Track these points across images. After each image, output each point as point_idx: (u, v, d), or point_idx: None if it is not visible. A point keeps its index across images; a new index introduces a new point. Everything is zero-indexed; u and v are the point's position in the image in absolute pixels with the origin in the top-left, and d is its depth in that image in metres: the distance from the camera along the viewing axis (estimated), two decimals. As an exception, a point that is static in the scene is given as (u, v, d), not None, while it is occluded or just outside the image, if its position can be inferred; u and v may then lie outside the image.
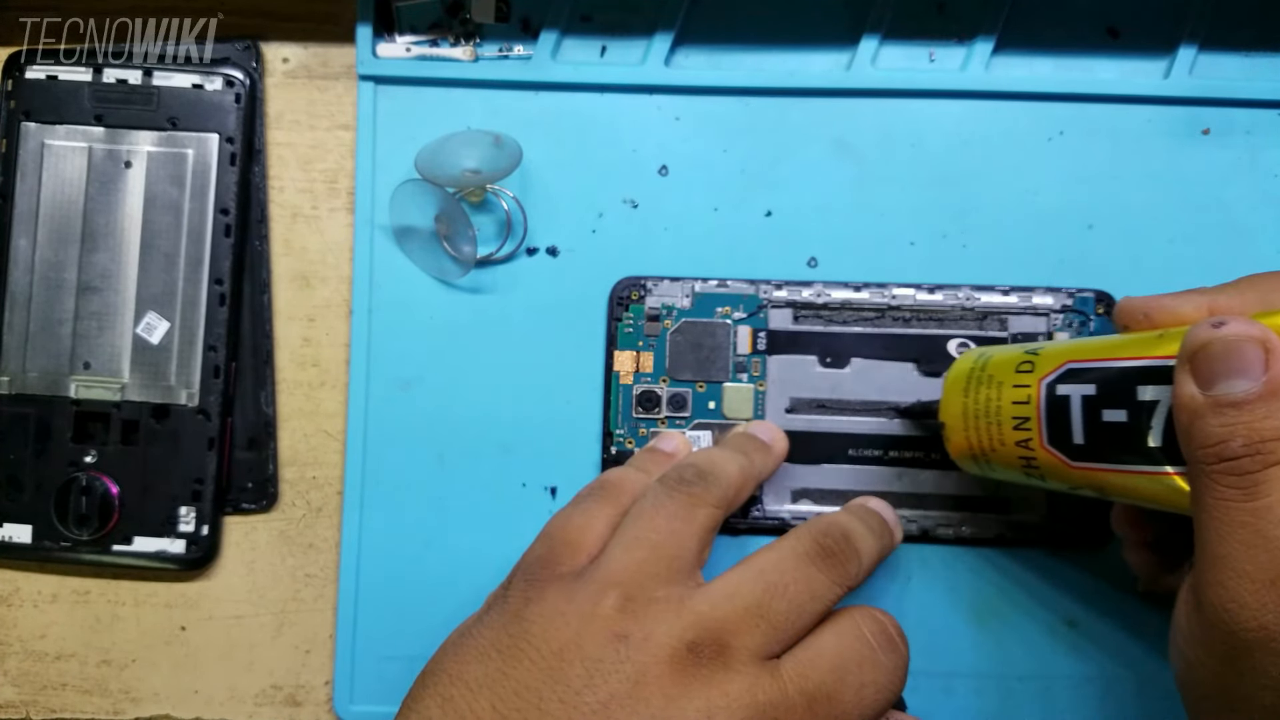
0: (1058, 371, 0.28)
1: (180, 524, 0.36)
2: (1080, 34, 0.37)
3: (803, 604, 0.27)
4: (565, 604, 0.26)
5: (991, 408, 0.30)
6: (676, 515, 0.28)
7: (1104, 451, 0.27)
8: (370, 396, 0.37)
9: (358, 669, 0.36)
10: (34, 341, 0.36)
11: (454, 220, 0.36)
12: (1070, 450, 0.28)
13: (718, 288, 0.36)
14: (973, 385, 0.30)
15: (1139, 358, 0.26)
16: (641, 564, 0.27)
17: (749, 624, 0.26)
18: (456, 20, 0.37)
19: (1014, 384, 0.29)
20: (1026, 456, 0.29)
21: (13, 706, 0.37)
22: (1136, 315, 0.28)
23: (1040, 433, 0.28)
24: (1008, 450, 0.29)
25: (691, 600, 0.26)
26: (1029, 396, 0.28)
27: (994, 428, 0.30)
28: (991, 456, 0.30)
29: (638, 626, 0.25)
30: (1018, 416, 0.29)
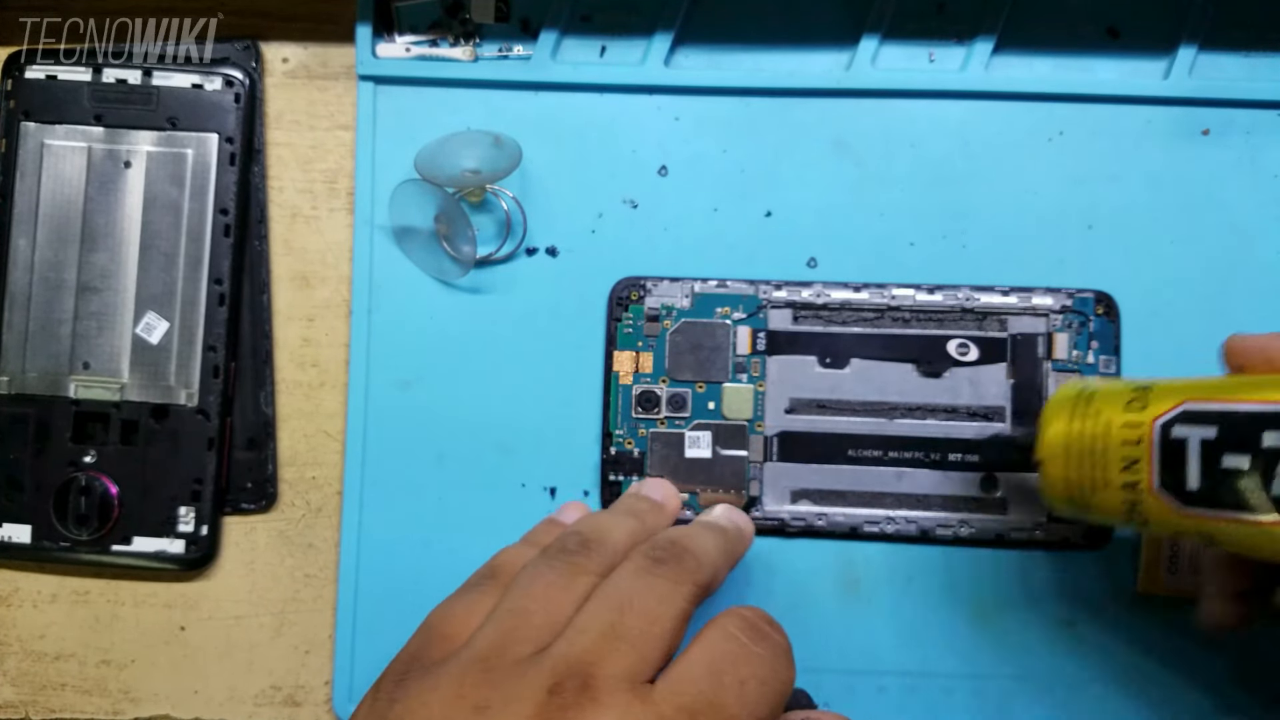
0: (1174, 412, 0.26)
1: (180, 524, 0.36)
2: (1080, 34, 0.37)
3: (653, 612, 0.25)
4: (430, 693, 0.24)
5: (1098, 446, 0.28)
6: (554, 584, 0.26)
7: (1221, 498, 0.25)
8: (370, 396, 0.37)
9: (357, 669, 0.36)
10: (34, 341, 0.36)
11: (454, 220, 0.36)
12: (1183, 495, 0.26)
13: (717, 288, 0.36)
14: (1077, 420, 0.28)
15: (1267, 401, 0.25)
16: (508, 633, 0.25)
17: (608, 648, 0.24)
18: (456, 20, 0.37)
19: (1123, 422, 0.27)
20: (1132, 500, 0.27)
21: (12, 706, 0.37)
22: (1254, 356, 0.27)
23: (1151, 475, 0.27)
24: (1111, 492, 0.28)
25: (550, 648, 0.24)
26: (1140, 436, 0.27)
27: (1099, 468, 0.28)
28: (1092, 498, 0.28)
29: (497, 692, 0.23)
30: (1127, 457, 0.27)
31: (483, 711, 0.23)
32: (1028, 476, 0.35)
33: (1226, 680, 0.35)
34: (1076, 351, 0.36)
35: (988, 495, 0.36)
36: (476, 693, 0.23)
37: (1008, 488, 0.36)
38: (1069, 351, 0.36)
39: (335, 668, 0.36)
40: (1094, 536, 0.35)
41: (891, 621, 0.36)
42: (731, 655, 0.25)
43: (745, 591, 0.36)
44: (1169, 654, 0.35)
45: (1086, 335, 0.36)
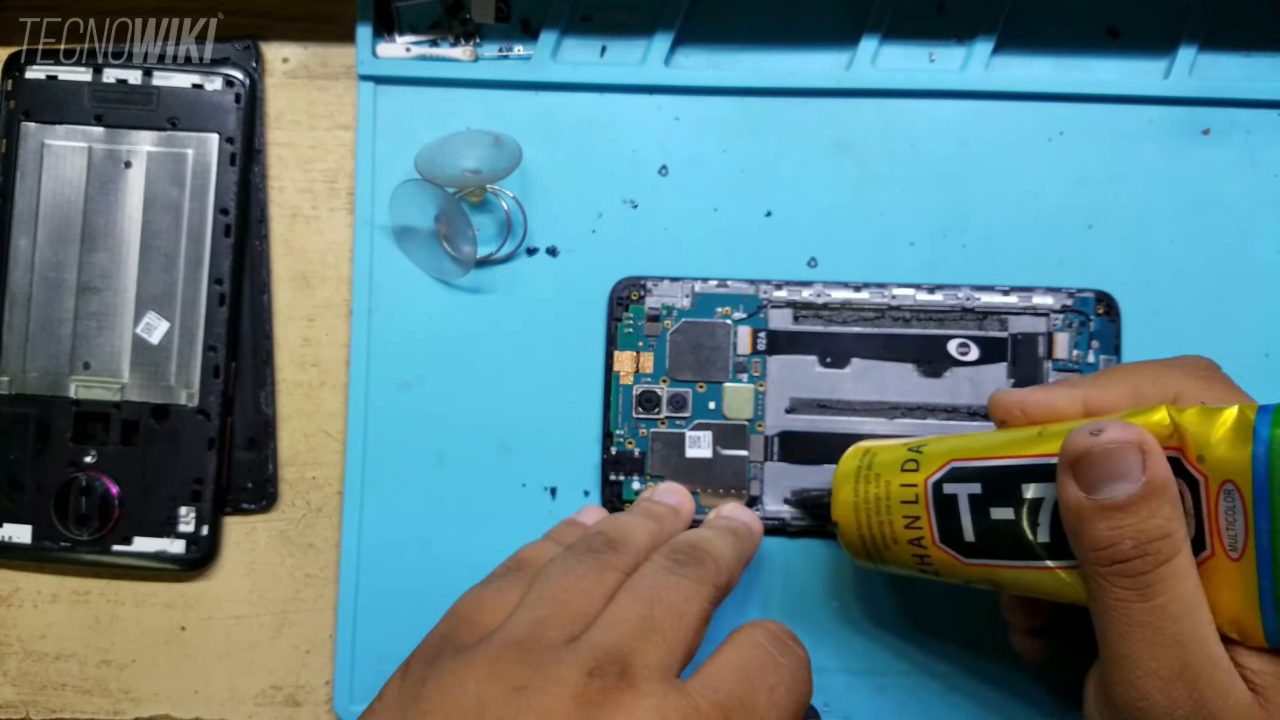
0: (942, 470, 0.28)
1: (180, 524, 0.36)
2: (1080, 34, 0.37)
3: (680, 607, 0.26)
4: (464, 671, 0.24)
5: (881, 507, 0.30)
6: (584, 577, 0.27)
7: (995, 548, 0.27)
8: (370, 396, 0.37)
9: (358, 669, 0.36)
10: (34, 341, 0.36)
11: (454, 220, 0.36)
12: (962, 548, 0.28)
13: (718, 288, 0.36)
14: (861, 485, 0.31)
15: (1021, 456, 0.27)
16: (542, 619, 0.26)
17: (642, 639, 0.25)
18: (456, 20, 0.37)
19: (901, 483, 0.29)
20: (920, 554, 0.29)
21: (13, 706, 0.37)
22: (1013, 411, 0.29)
23: (932, 531, 0.28)
24: (901, 548, 0.30)
25: (584, 635, 0.25)
26: (917, 495, 0.29)
27: (886, 527, 0.30)
28: (885, 554, 0.30)
29: (536, 673, 0.24)
30: (908, 516, 0.29)
31: (521, 691, 0.23)
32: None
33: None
34: (1077, 351, 0.36)
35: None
36: (514, 673, 0.24)
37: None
38: (1069, 351, 0.36)
39: (336, 667, 0.36)
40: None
41: (891, 621, 0.36)
42: (760, 663, 0.26)
43: (747, 592, 0.36)
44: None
45: (1087, 335, 0.36)
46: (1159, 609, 0.23)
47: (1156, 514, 0.23)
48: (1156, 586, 0.23)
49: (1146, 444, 0.24)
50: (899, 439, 0.32)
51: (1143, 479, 0.23)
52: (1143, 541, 0.23)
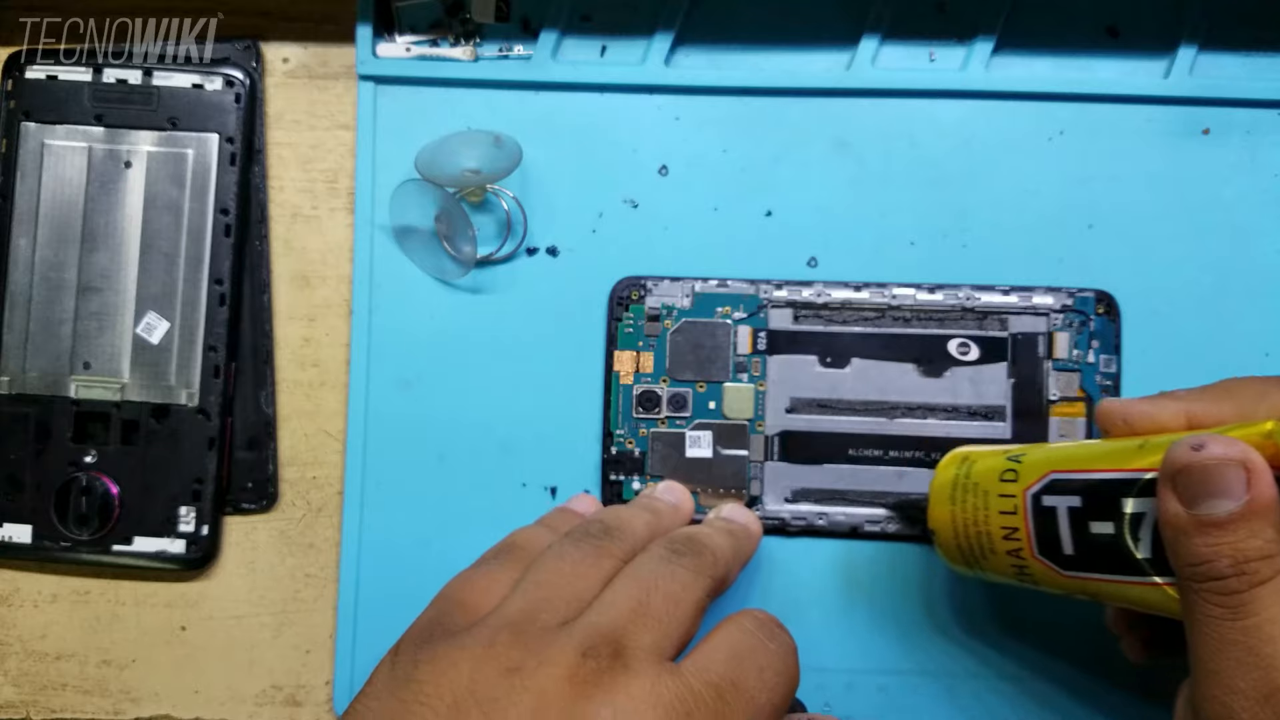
0: (1042, 482, 0.28)
1: (180, 524, 0.36)
2: (1080, 34, 0.37)
3: (676, 595, 0.26)
4: (457, 653, 0.24)
5: (979, 517, 0.29)
6: (580, 562, 0.27)
7: (1094, 562, 0.27)
8: (370, 396, 0.37)
9: (358, 669, 0.36)
10: (34, 341, 0.36)
11: (454, 220, 0.36)
12: (1061, 560, 0.28)
13: (718, 288, 0.36)
14: (959, 494, 0.30)
15: (1121, 469, 0.26)
16: (537, 603, 0.26)
17: (637, 623, 0.25)
18: (456, 20, 0.37)
19: (1000, 493, 0.29)
20: (1018, 565, 0.29)
21: (13, 706, 0.37)
22: (1115, 420, 0.28)
23: (1030, 543, 0.28)
24: (999, 559, 0.29)
25: (579, 618, 0.25)
26: (1015, 507, 0.28)
27: (984, 537, 0.29)
28: (983, 563, 0.30)
29: (530, 654, 0.24)
30: (1006, 527, 0.29)
31: (514, 672, 0.23)
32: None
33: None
34: (1077, 351, 0.36)
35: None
36: (507, 654, 0.24)
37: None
38: (1069, 351, 0.36)
39: (336, 667, 0.36)
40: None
41: (891, 621, 0.36)
42: (749, 646, 0.26)
43: (747, 590, 0.36)
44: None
45: (1087, 334, 0.36)
46: (1252, 629, 0.23)
47: (1258, 534, 0.23)
48: (1251, 606, 0.23)
49: (1251, 461, 0.23)
50: (998, 445, 0.32)
51: (1245, 497, 0.23)
52: (1240, 561, 0.23)
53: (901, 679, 0.36)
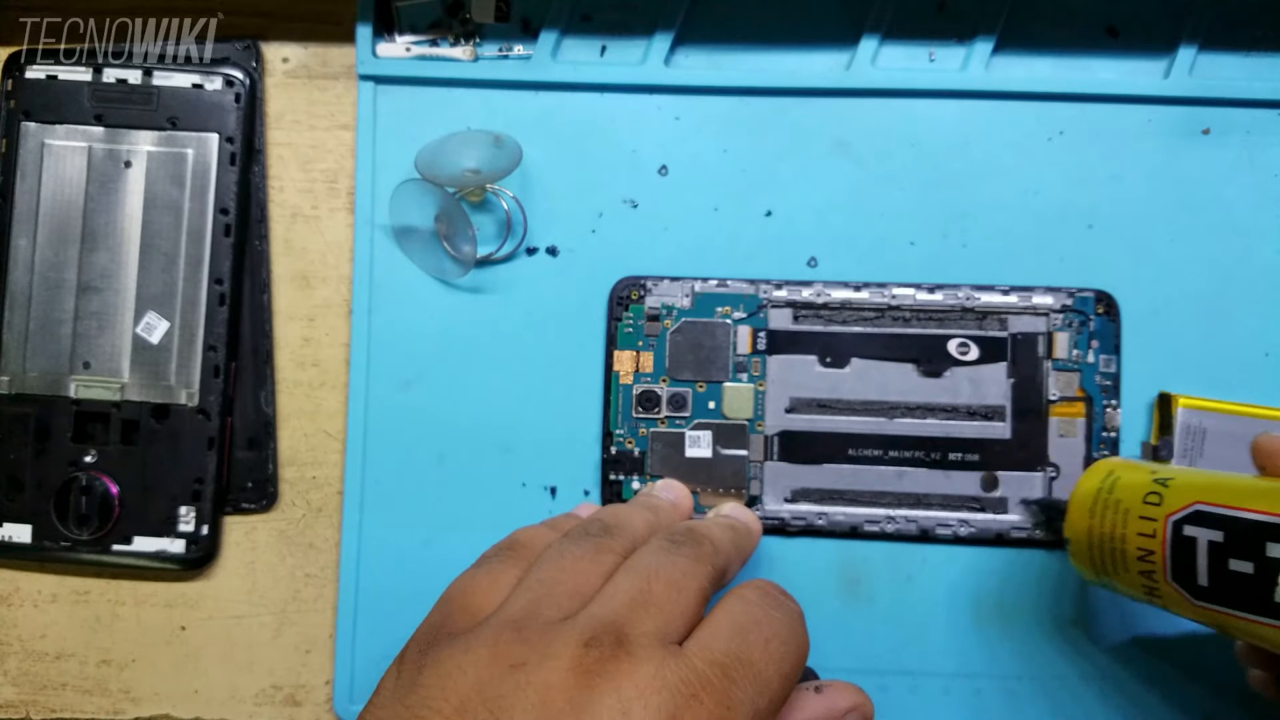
0: (1185, 511, 0.28)
1: (180, 524, 0.36)
2: (1080, 34, 0.37)
3: (678, 581, 0.26)
4: (461, 655, 0.24)
5: (1117, 534, 0.29)
6: (581, 559, 0.27)
7: (1229, 597, 0.27)
8: (370, 396, 0.37)
9: (358, 669, 0.36)
10: (34, 341, 0.36)
11: (454, 220, 0.36)
12: (1194, 589, 0.27)
13: (718, 288, 0.36)
14: (1099, 508, 0.30)
15: (1272, 514, 0.26)
16: (538, 600, 0.25)
17: (639, 610, 0.25)
18: (456, 20, 0.37)
19: (1141, 515, 0.29)
20: (1150, 586, 0.29)
21: (13, 706, 0.37)
22: (1275, 460, 0.28)
23: (1164, 568, 0.28)
24: (1130, 577, 0.29)
25: (581, 611, 0.25)
26: (1155, 530, 0.28)
27: (1118, 555, 0.29)
28: (1114, 578, 0.30)
29: (533, 650, 0.23)
30: (1143, 549, 0.29)
31: (519, 669, 0.23)
32: (1030, 476, 0.36)
33: (1227, 679, 0.35)
34: (1076, 351, 0.36)
35: (988, 495, 0.36)
36: (511, 652, 0.24)
37: (1008, 488, 0.36)
38: (1069, 351, 0.36)
39: (335, 667, 0.36)
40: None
41: (891, 621, 0.36)
42: (752, 618, 0.25)
43: (745, 591, 0.36)
44: (1169, 653, 0.35)
45: (1087, 334, 0.36)
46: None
47: None
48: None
49: None
50: (1144, 462, 0.32)
51: None
52: None
53: (900, 680, 0.36)
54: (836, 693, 0.28)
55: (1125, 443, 0.36)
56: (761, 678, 0.24)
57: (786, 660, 0.25)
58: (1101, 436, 0.35)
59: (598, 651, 0.23)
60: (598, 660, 0.23)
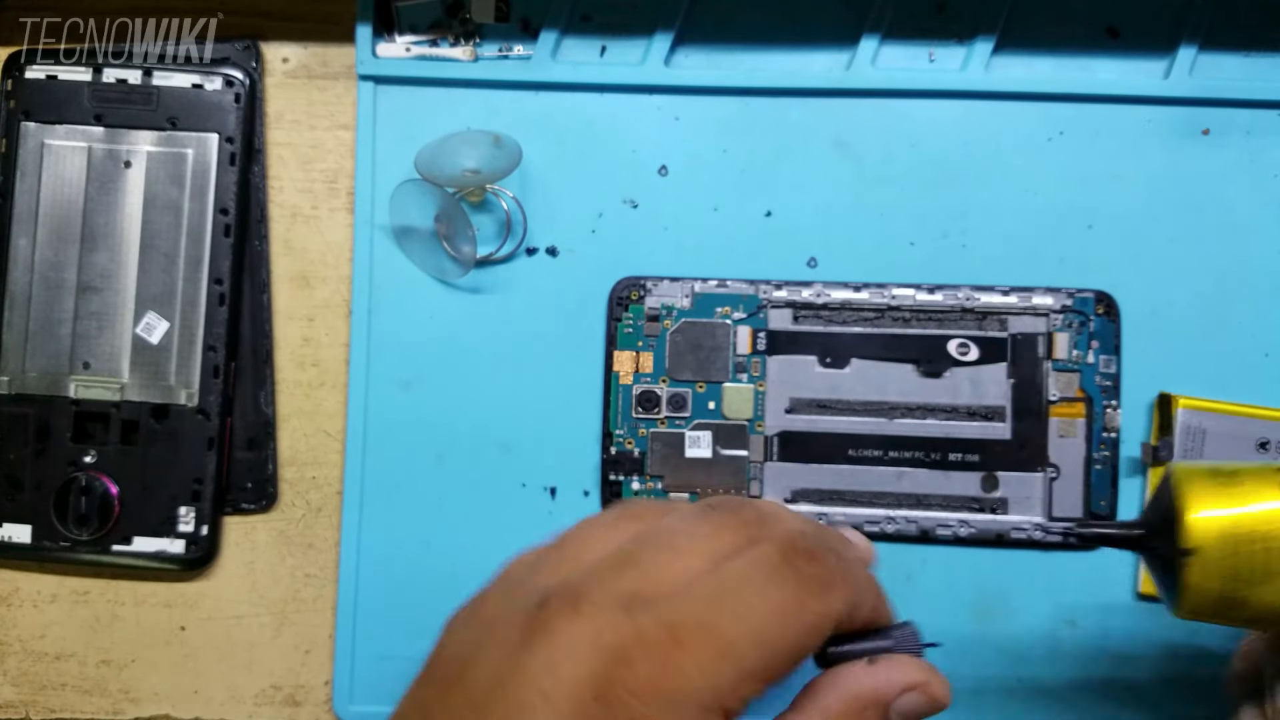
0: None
1: (180, 524, 0.36)
2: (1080, 34, 0.37)
3: (678, 545, 0.23)
4: (465, 613, 0.24)
5: (1262, 530, 0.25)
6: (601, 526, 0.25)
7: None
8: (370, 396, 0.37)
9: (358, 669, 0.36)
10: (34, 341, 0.36)
11: (454, 220, 0.36)
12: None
13: (717, 288, 0.36)
14: (1227, 502, 0.26)
15: None
16: (548, 565, 0.24)
17: (615, 570, 0.22)
18: (456, 20, 0.37)
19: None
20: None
21: (13, 706, 0.37)
22: None
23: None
24: (1277, 581, 0.25)
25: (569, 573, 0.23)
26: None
27: (1266, 555, 0.25)
28: (1251, 590, 0.25)
29: (504, 609, 0.23)
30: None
31: (489, 626, 0.23)
32: (1030, 476, 0.35)
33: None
34: (1076, 351, 0.36)
35: (988, 495, 0.36)
36: (491, 612, 0.23)
37: (1008, 488, 0.36)
38: (1069, 351, 0.36)
39: (335, 667, 0.36)
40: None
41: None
42: (748, 580, 0.22)
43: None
44: (1168, 654, 0.35)
45: (1087, 335, 0.36)
46: None
47: None
48: None
49: None
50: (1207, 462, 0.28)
51: None
52: None
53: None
54: (892, 667, 0.24)
55: (1125, 443, 0.36)
56: (728, 646, 0.21)
57: (776, 633, 0.22)
58: (1101, 437, 0.35)
59: (546, 611, 0.22)
60: (544, 619, 0.22)
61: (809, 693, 0.23)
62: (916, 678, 0.24)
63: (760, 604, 0.22)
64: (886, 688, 0.23)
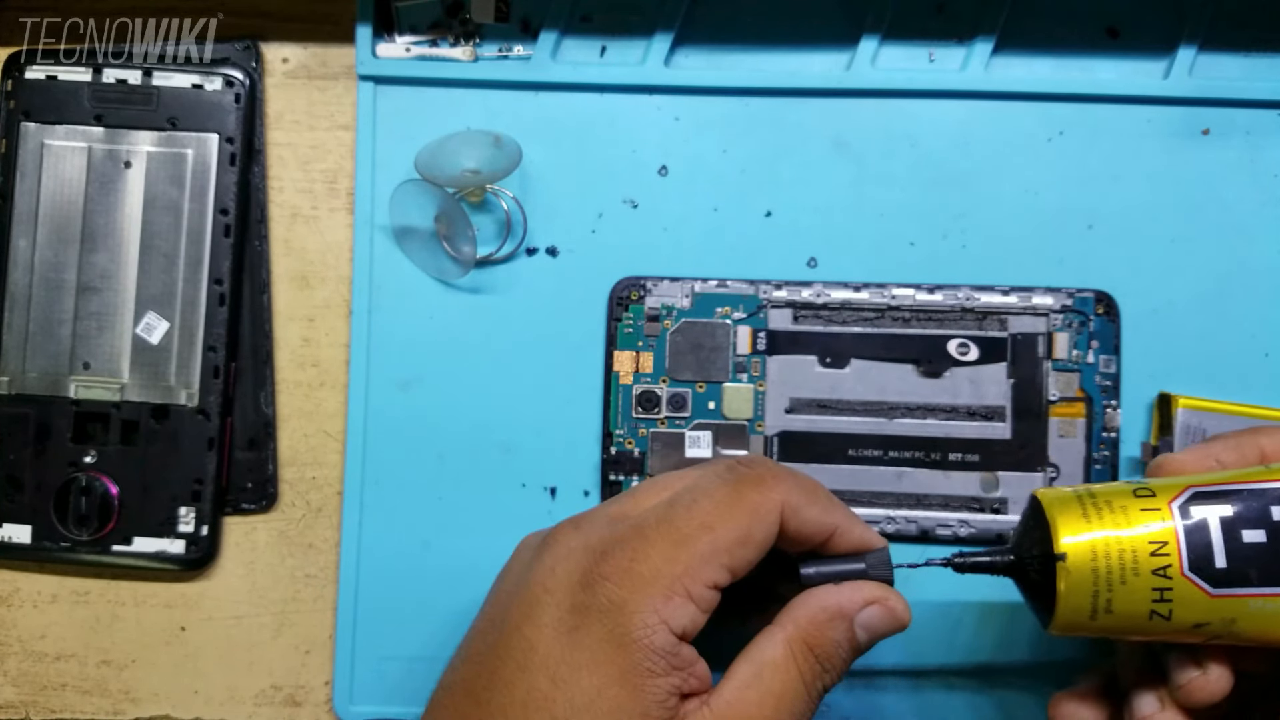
0: (1185, 495, 0.27)
1: (180, 524, 0.36)
2: (1080, 34, 0.37)
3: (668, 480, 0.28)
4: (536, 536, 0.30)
5: (1123, 533, 0.27)
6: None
7: (1248, 576, 0.26)
8: (370, 396, 0.37)
9: (358, 669, 0.36)
10: (34, 341, 0.36)
11: (454, 220, 0.36)
12: (1213, 577, 0.26)
13: (717, 288, 0.36)
14: (1091, 511, 0.27)
15: (1263, 481, 0.27)
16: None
17: (612, 500, 0.29)
18: (456, 20, 0.37)
19: (1142, 507, 0.27)
20: (1161, 588, 0.27)
21: (13, 706, 0.37)
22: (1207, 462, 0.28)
23: (1180, 558, 0.26)
24: (1140, 582, 0.27)
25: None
26: (1163, 518, 0.27)
27: (1127, 555, 0.27)
28: (1113, 597, 0.27)
29: (548, 533, 0.29)
30: (1155, 540, 0.27)
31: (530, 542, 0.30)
32: (1030, 476, 0.36)
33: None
34: (1076, 351, 0.36)
35: (988, 495, 0.36)
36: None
37: (1008, 488, 0.36)
38: (1069, 351, 0.36)
39: (335, 668, 0.36)
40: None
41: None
42: (700, 487, 0.27)
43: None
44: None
45: (1086, 335, 0.36)
46: None
47: None
48: None
49: None
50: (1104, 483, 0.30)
51: None
52: None
53: (900, 679, 0.36)
54: (856, 586, 0.28)
55: (1125, 443, 0.36)
56: (682, 537, 0.26)
57: (718, 519, 0.26)
58: (1101, 437, 0.35)
59: (554, 531, 0.28)
60: (551, 536, 0.28)
61: (786, 608, 0.27)
62: (876, 594, 0.28)
63: (707, 501, 0.26)
64: (850, 602, 0.27)
